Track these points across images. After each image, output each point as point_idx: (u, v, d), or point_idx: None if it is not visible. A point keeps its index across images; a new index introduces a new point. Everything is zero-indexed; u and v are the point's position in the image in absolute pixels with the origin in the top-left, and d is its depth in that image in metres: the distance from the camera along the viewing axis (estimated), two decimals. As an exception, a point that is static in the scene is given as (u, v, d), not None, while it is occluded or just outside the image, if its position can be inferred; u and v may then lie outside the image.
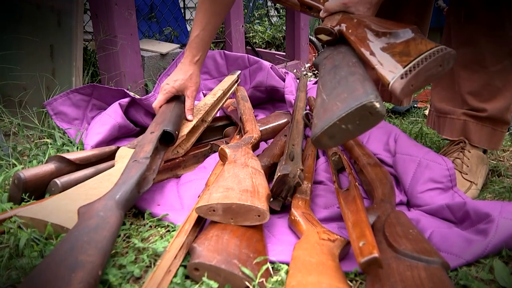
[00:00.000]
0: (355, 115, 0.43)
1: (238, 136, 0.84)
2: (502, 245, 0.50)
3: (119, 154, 0.70)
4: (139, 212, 0.63)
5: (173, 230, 0.58)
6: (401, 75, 0.45)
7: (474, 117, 0.76)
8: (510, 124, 0.78)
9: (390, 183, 0.64)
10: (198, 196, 0.65)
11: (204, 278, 0.44)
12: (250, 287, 0.43)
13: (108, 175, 0.63)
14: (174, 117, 0.75)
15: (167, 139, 0.71)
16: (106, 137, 0.87)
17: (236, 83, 1.01)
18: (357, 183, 0.60)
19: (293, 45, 1.79)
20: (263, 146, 0.88)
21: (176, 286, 0.45)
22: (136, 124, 0.98)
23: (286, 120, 0.97)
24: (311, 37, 1.93)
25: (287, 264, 0.48)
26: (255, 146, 0.76)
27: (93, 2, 1.10)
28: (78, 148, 0.86)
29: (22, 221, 0.53)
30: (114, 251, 0.51)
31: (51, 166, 0.66)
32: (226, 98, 0.94)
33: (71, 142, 0.88)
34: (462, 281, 0.47)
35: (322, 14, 0.63)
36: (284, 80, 1.14)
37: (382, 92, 1.12)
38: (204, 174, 0.75)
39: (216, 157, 0.80)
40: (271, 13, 2.81)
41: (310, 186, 0.65)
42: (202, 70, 1.12)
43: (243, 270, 0.44)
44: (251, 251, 0.48)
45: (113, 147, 0.75)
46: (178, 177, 0.77)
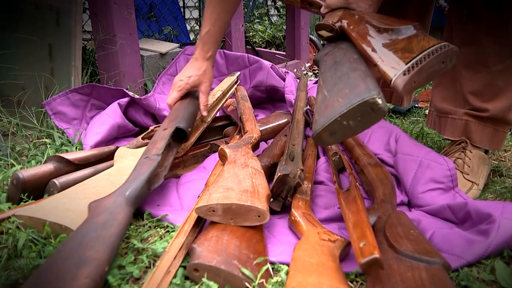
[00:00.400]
0: (357, 111, 0.43)
1: (238, 136, 0.83)
2: (503, 245, 0.50)
3: (118, 154, 0.70)
4: (139, 212, 0.63)
5: (172, 231, 0.57)
6: (403, 72, 0.45)
7: (476, 117, 0.76)
8: None
9: (391, 184, 0.63)
10: (198, 196, 0.65)
11: (203, 279, 0.44)
12: (250, 288, 0.43)
13: (107, 175, 0.63)
14: (188, 114, 0.74)
15: (180, 136, 0.71)
16: (105, 137, 0.86)
17: (235, 84, 1.00)
18: (357, 184, 0.60)
19: (293, 44, 1.79)
20: (263, 146, 0.87)
21: (175, 287, 0.44)
22: (135, 124, 0.98)
23: (286, 120, 0.96)
24: (312, 36, 1.92)
25: (287, 265, 0.48)
26: (255, 146, 0.75)
27: (92, 1, 1.09)
28: (77, 148, 0.85)
29: (20, 221, 0.53)
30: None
31: (50, 166, 0.66)
32: (225, 99, 0.94)
33: (70, 142, 0.88)
34: (464, 282, 0.47)
35: (323, 10, 0.62)
36: (284, 79, 1.14)
37: (382, 92, 1.12)
38: (203, 174, 0.75)
39: (216, 157, 0.80)
40: (271, 12, 2.81)
41: (310, 186, 0.65)
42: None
43: (243, 271, 0.44)
44: (251, 252, 0.48)
45: (112, 147, 0.75)
46: (178, 177, 0.77)
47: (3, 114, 0.97)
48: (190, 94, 0.80)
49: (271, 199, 0.61)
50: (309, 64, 1.75)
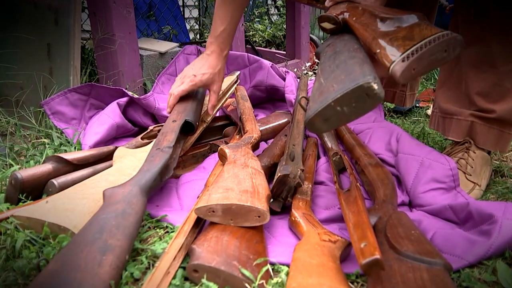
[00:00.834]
0: (351, 97, 0.42)
1: (238, 136, 0.83)
2: (505, 246, 0.50)
3: (117, 154, 0.69)
4: (138, 212, 0.62)
5: (172, 231, 0.57)
6: (402, 58, 0.44)
7: (481, 118, 0.75)
8: None
9: (392, 184, 0.63)
10: (198, 196, 0.65)
11: (203, 280, 0.43)
12: (250, 290, 0.42)
13: (106, 175, 0.63)
14: (195, 106, 0.75)
15: (186, 129, 0.72)
16: (104, 137, 0.86)
17: (235, 84, 1.00)
18: (358, 184, 0.60)
19: (293, 43, 1.78)
20: (263, 146, 0.87)
21: (175, 288, 0.44)
22: (134, 124, 0.98)
23: (286, 119, 0.96)
24: (312, 35, 1.92)
25: (288, 265, 0.48)
26: (255, 146, 0.75)
27: (91, 0, 1.09)
28: (75, 148, 0.85)
29: (19, 222, 0.53)
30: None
31: (49, 167, 0.65)
32: (225, 99, 0.93)
33: (69, 142, 0.88)
34: (465, 283, 0.46)
35: (328, 3, 0.62)
36: (284, 79, 1.13)
37: (385, 92, 1.11)
38: (203, 174, 0.75)
39: (215, 157, 0.80)
40: (271, 11, 2.80)
41: (310, 186, 0.64)
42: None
43: (243, 271, 0.43)
44: (251, 253, 0.47)
45: (111, 147, 0.75)
46: (177, 177, 0.76)
47: (2, 114, 0.97)
48: (198, 90, 0.80)
49: (271, 200, 0.61)
50: (309, 63, 1.75)
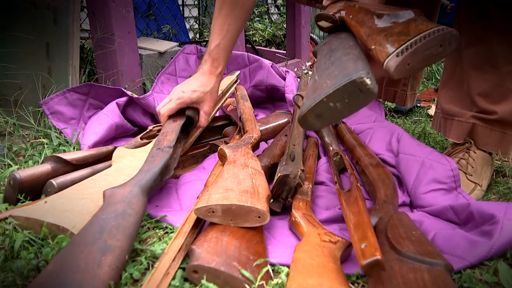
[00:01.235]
0: (344, 92, 0.41)
1: (237, 136, 0.83)
2: (506, 247, 0.49)
3: (117, 154, 0.69)
4: (137, 213, 0.62)
5: (171, 232, 0.57)
6: (396, 53, 0.44)
7: (483, 120, 0.74)
8: None
9: (393, 184, 0.63)
10: (197, 197, 0.64)
11: (203, 281, 0.43)
12: (250, 291, 0.42)
13: (105, 175, 0.62)
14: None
15: (187, 126, 0.72)
16: (103, 137, 0.86)
17: (235, 84, 1.00)
18: (359, 184, 0.60)
19: (293, 43, 1.78)
20: (263, 146, 0.87)
21: (174, 289, 0.44)
22: (133, 123, 0.97)
23: (286, 119, 0.96)
24: (312, 35, 1.92)
25: (288, 266, 0.48)
26: (255, 146, 0.75)
27: (90, -1, 1.08)
28: (74, 148, 0.85)
29: (17, 222, 0.52)
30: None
31: (47, 167, 0.65)
32: (225, 98, 0.93)
33: (68, 142, 0.87)
34: (466, 283, 0.46)
35: (325, 2, 0.62)
36: (284, 79, 1.13)
37: (385, 91, 1.11)
38: (203, 174, 0.74)
39: (215, 157, 0.80)
40: (271, 10, 2.80)
41: (311, 187, 0.64)
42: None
43: (243, 272, 0.43)
44: (251, 253, 0.47)
45: (110, 147, 0.74)
46: (177, 177, 0.76)
47: (0, 113, 0.96)
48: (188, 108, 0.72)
49: (271, 200, 0.60)
50: (309, 63, 1.75)
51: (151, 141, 0.74)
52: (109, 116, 0.89)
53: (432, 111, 1.20)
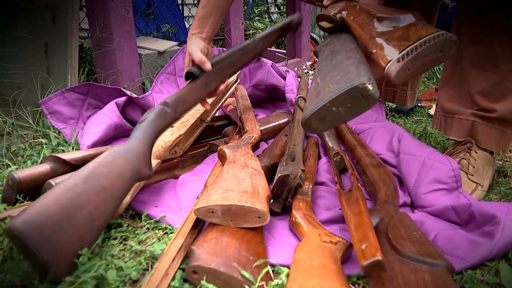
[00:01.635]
0: (346, 97, 0.42)
1: (237, 136, 0.83)
2: (508, 247, 0.49)
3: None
4: (136, 214, 0.62)
5: (171, 232, 0.57)
6: (397, 59, 0.45)
7: (483, 118, 0.74)
8: None
9: (394, 184, 0.63)
10: (197, 197, 0.64)
11: (202, 282, 0.43)
12: (250, 292, 0.42)
13: (104, 176, 0.62)
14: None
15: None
16: (102, 137, 0.85)
17: (235, 83, 0.99)
18: (359, 184, 0.59)
19: (294, 42, 1.77)
20: (263, 146, 0.87)
21: (174, 290, 0.43)
22: (133, 123, 0.97)
23: (286, 119, 0.96)
24: (313, 34, 1.91)
25: (288, 267, 0.48)
26: (255, 146, 0.75)
27: (89, -2, 1.08)
28: (73, 148, 0.84)
29: (15, 223, 0.52)
30: (111, 254, 0.50)
31: (46, 167, 0.65)
32: (225, 98, 0.93)
33: (67, 142, 0.87)
34: (467, 284, 0.46)
35: (326, 2, 0.63)
36: (284, 78, 1.13)
37: (385, 91, 1.11)
38: (202, 174, 0.74)
39: (215, 157, 0.79)
40: (271, 10, 2.80)
41: (311, 187, 0.64)
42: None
43: (243, 273, 0.43)
44: (251, 254, 0.47)
45: (109, 147, 0.74)
46: (176, 178, 0.76)
47: (-1, 113, 0.96)
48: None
49: (272, 200, 0.60)
50: (310, 62, 1.74)
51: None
52: (108, 116, 0.89)
53: (433, 111, 1.19)
